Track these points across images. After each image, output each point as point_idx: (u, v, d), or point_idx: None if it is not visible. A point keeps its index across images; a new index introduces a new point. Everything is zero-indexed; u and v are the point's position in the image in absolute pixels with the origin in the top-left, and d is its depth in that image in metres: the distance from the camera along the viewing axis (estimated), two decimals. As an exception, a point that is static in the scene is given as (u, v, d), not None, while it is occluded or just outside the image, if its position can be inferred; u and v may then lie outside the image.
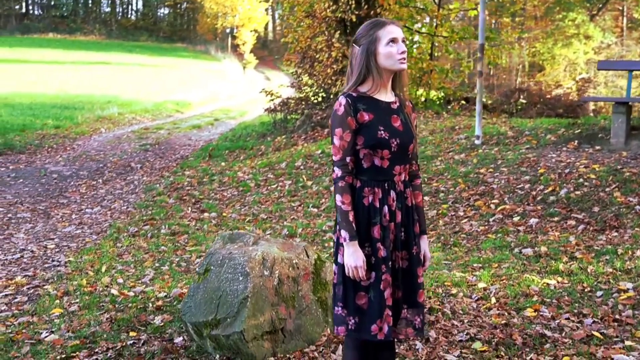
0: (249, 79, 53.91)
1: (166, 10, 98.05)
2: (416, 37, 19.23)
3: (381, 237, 3.57)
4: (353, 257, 3.49)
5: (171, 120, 24.93)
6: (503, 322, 5.47)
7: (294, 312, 5.20)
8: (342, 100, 3.52)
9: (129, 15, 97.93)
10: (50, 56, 56.74)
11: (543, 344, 5.07)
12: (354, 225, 3.51)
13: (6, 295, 6.83)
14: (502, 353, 4.95)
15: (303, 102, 16.68)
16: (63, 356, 5.18)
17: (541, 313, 5.62)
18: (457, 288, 6.29)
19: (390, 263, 3.59)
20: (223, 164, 13.36)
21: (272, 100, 17.21)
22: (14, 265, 7.87)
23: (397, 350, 5.06)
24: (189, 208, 10.19)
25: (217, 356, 5.06)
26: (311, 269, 5.44)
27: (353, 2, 15.96)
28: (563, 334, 5.22)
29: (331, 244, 8.07)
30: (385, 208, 3.57)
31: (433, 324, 5.51)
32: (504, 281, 6.41)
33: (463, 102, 18.21)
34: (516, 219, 8.26)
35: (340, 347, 5.16)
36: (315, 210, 9.52)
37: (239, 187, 11.06)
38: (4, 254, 8.27)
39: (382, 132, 3.51)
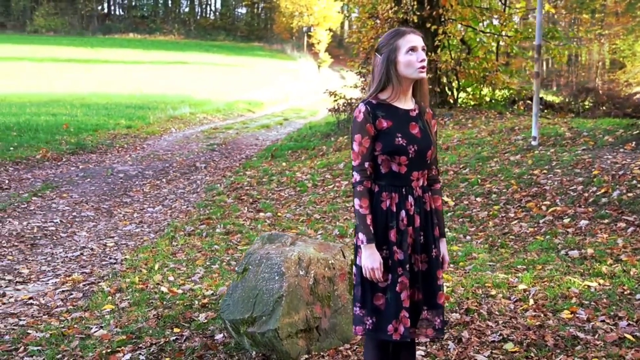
0: (324, 77, 54.19)
1: (244, 10, 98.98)
2: (480, 37, 19.18)
3: (398, 240, 3.69)
4: (370, 259, 3.62)
5: (241, 120, 25.29)
6: (537, 323, 5.53)
7: (330, 311, 5.35)
8: (362, 107, 3.67)
9: (208, 15, 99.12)
10: (130, 56, 58.00)
11: (575, 346, 5.12)
12: (371, 228, 3.65)
13: (63, 291, 7.14)
14: (532, 354, 5.02)
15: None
16: (109, 350, 5.42)
17: (577, 315, 5.65)
18: (497, 289, 6.36)
19: (408, 266, 3.71)
20: (284, 164, 13.58)
21: (336, 100, 17.37)
22: (73, 262, 8.20)
23: (429, 350, 5.20)
24: (246, 208, 10.42)
25: (254, 353, 5.25)
26: (347, 269, 5.58)
27: (415, 2, 16.04)
28: (596, 336, 5.25)
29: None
30: (403, 212, 3.70)
31: (467, 324, 5.60)
32: (545, 283, 6.44)
33: (529, 101, 18.10)
34: (566, 220, 8.26)
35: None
36: (368, 210, 9.65)
37: (296, 187, 11.26)
38: (65, 252, 8.60)
39: (400, 139, 3.64)
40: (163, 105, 26.43)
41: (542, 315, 5.72)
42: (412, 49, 3.67)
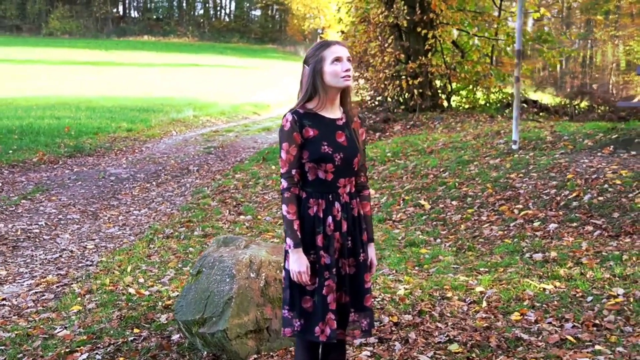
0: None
1: (258, 12, 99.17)
2: (475, 41, 19.26)
3: (324, 245, 3.86)
4: (297, 263, 3.79)
5: (244, 123, 25.38)
6: (485, 325, 5.67)
7: (280, 312, 5.51)
8: (289, 116, 3.84)
9: (222, 17, 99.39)
10: (143, 59, 58.26)
11: (517, 347, 5.25)
12: (298, 233, 3.82)
13: (36, 292, 7.33)
14: (475, 355, 5.16)
15: (359, 106, 16.94)
16: (67, 350, 5.61)
17: (526, 317, 5.78)
18: (454, 291, 6.49)
19: (335, 270, 3.88)
20: (274, 167, 13.71)
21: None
22: (51, 264, 8.40)
23: (375, 350, 5.35)
24: (228, 211, 10.58)
25: (205, 353, 5.42)
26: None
27: (406, 7, 16.17)
28: (539, 338, 5.39)
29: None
30: (330, 218, 3.86)
31: (417, 325, 5.74)
32: (503, 285, 6.57)
33: (523, 104, 18.18)
34: (536, 224, 8.38)
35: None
36: (346, 213, 9.80)
37: (280, 190, 11.41)
38: (45, 254, 8.80)
39: (326, 147, 3.80)
40: (168, 108, 26.58)
41: (492, 317, 5.86)
42: (337, 59, 3.83)
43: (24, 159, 15.54)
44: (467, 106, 18.53)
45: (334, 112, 3.95)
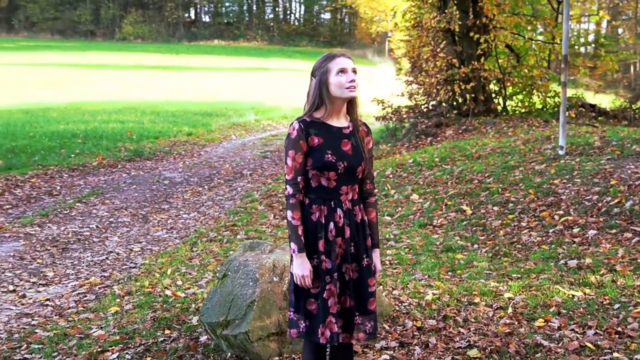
0: (400, 84, 54.21)
1: (328, 15, 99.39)
2: (532, 45, 19.09)
3: (326, 250, 3.99)
4: (300, 268, 3.94)
5: (304, 127, 25.53)
6: (507, 331, 5.72)
7: (303, 316, 5.65)
8: (296, 125, 3.99)
9: (291, 21, 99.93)
10: (212, 63, 58.96)
11: (536, 353, 5.30)
12: (302, 238, 3.96)
13: (79, 293, 7.60)
14: (492, 360, 5.25)
15: (412, 111, 16.98)
16: (99, 350, 5.83)
17: (550, 324, 5.81)
18: (483, 297, 6.54)
19: (336, 274, 4.01)
20: (324, 171, 13.85)
21: (384, 109, 17.56)
22: (97, 266, 8.67)
23: (395, 354, 5.45)
24: (273, 215, 10.75)
25: (229, 354, 5.59)
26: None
27: (457, 13, 16.18)
28: (560, 344, 5.42)
29: (387, 251, 8.45)
30: (332, 224, 4.00)
31: (439, 330, 5.82)
32: (532, 292, 6.59)
33: (581, 109, 17.97)
34: (576, 230, 8.35)
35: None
36: (389, 218, 9.90)
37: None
38: (92, 256, 9.09)
39: (330, 155, 3.94)
40: (231, 112, 26.93)
41: (515, 323, 5.90)
42: (342, 71, 3.97)
43: (84, 163, 15.97)
44: (523, 110, 18.38)
45: (341, 121, 4.08)
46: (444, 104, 16.80)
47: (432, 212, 9.82)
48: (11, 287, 7.85)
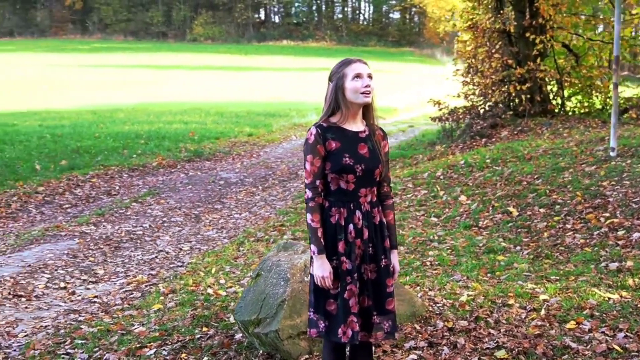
0: (458, 84, 53.66)
1: (397, 15, 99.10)
2: (591, 45, 18.80)
3: (346, 251, 4.12)
4: (320, 269, 4.07)
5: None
6: (537, 332, 5.75)
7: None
8: (313, 130, 4.12)
9: (360, 21, 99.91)
10: (280, 63, 59.37)
11: (563, 355, 5.33)
12: (322, 240, 4.10)
13: (125, 291, 7.86)
14: (518, 361, 5.30)
15: (468, 112, 16.93)
16: (138, 346, 6.04)
17: (581, 326, 5.82)
18: (518, 299, 6.56)
19: (356, 275, 4.13)
20: (377, 171, 13.92)
21: (441, 109, 17.53)
22: (146, 264, 8.93)
23: (422, 354, 5.54)
24: (320, 215, 10.84)
25: (261, 351, 5.75)
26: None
27: (513, 13, 16.10)
28: (588, 347, 5.44)
29: (429, 252, 8.52)
30: (351, 226, 4.12)
31: (470, 331, 5.88)
32: (568, 294, 6.60)
33: (641, 110, 17.64)
34: (620, 232, 8.29)
35: (373, 349, 5.68)
36: (435, 219, 9.94)
37: (376, 195, 11.60)
38: (142, 254, 9.36)
39: (348, 158, 4.06)
40: (294, 112, 27.12)
41: (547, 325, 5.92)
42: (358, 76, 4.09)
43: (144, 163, 16.32)
44: (582, 111, 18.15)
45: (357, 125, 4.19)
46: (500, 105, 16.71)
47: (478, 213, 9.83)
48: (62, 284, 8.15)
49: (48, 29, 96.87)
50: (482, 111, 16.82)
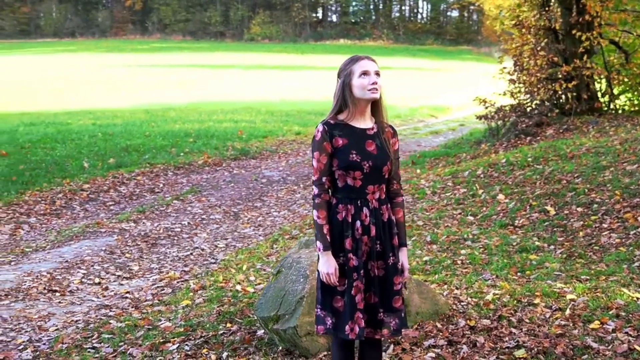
0: (505, 82, 53.08)
1: (455, 13, 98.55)
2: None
3: (353, 248, 4.14)
4: (326, 265, 4.10)
5: (415, 126, 25.50)
6: (559, 332, 5.70)
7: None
8: (320, 127, 4.15)
9: (418, 20, 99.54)
10: (336, 62, 59.12)
11: (583, 355, 5.29)
12: (327, 237, 4.12)
13: (157, 287, 7.97)
14: (536, 361, 5.27)
15: (514, 110, 16.75)
16: (162, 341, 6.13)
17: (605, 326, 5.77)
18: (544, 298, 6.51)
19: (362, 271, 4.15)
20: (418, 171, 13.88)
21: (487, 108, 17.37)
22: (181, 261, 9.04)
23: (441, 352, 5.53)
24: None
25: (280, 347, 5.79)
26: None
27: (558, 10, 15.91)
28: (609, 347, 5.39)
29: (461, 251, 8.48)
30: (358, 223, 4.14)
31: (491, 330, 5.85)
32: (597, 294, 6.53)
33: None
34: (658, 232, 8.19)
35: (392, 347, 5.70)
36: (472, 218, 9.87)
37: (415, 194, 11.58)
38: (178, 251, 9.47)
39: (355, 155, 4.08)
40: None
41: (570, 324, 5.87)
42: (365, 73, 4.12)
43: (190, 162, 16.47)
44: (631, 109, 17.84)
45: (365, 122, 4.21)
46: (546, 103, 16.52)
47: (515, 212, 9.75)
48: (97, 280, 8.30)
49: (109, 29, 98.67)
50: (528, 109, 16.63)
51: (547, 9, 16.17)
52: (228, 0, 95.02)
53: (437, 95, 35.62)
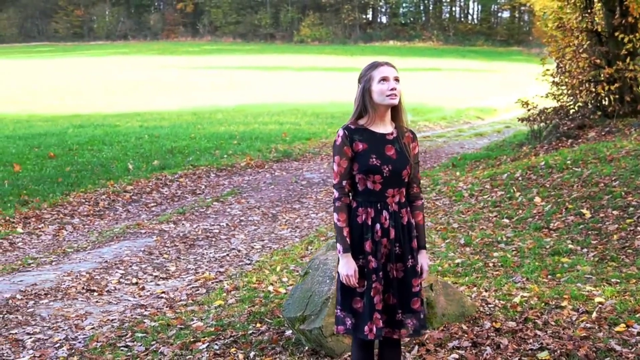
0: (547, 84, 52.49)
1: (507, 14, 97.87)
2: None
3: (372, 250, 4.24)
4: (346, 267, 4.21)
5: (459, 128, 25.45)
6: (584, 334, 5.73)
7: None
8: (341, 132, 4.27)
9: (468, 21, 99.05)
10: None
11: (605, 357, 5.32)
12: (347, 239, 4.24)
13: (192, 287, 8.12)
14: (558, 363, 5.31)
15: (557, 112, 16.66)
16: (192, 340, 6.27)
17: (631, 329, 5.79)
18: (572, 301, 6.53)
19: (381, 273, 4.25)
20: (457, 173, 13.88)
21: (530, 110, 17.30)
22: (217, 262, 9.19)
23: (464, 354, 5.60)
24: (393, 216, 10.86)
25: (307, 347, 5.90)
26: (401, 276, 6.09)
27: (601, 12, 15.79)
28: (632, 350, 5.42)
29: (494, 254, 8.51)
30: (378, 226, 4.24)
31: (516, 332, 5.90)
32: (626, 297, 6.54)
33: None
34: (693, 236, 8.15)
35: (417, 348, 5.78)
36: (507, 221, 9.89)
37: (452, 196, 11.61)
38: (215, 252, 9.62)
39: (374, 159, 4.19)
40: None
41: (596, 327, 5.90)
42: (384, 79, 4.21)
43: (233, 163, 16.64)
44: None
45: (385, 127, 4.30)
46: (589, 105, 16.41)
47: (551, 215, 9.74)
48: (134, 280, 8.48)
49: (160, 32, 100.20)
50: (571, 112, 16.54)
51: (589, 11, 16.05)
52: (278, 2, 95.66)
53: (485, 96, 35.44)
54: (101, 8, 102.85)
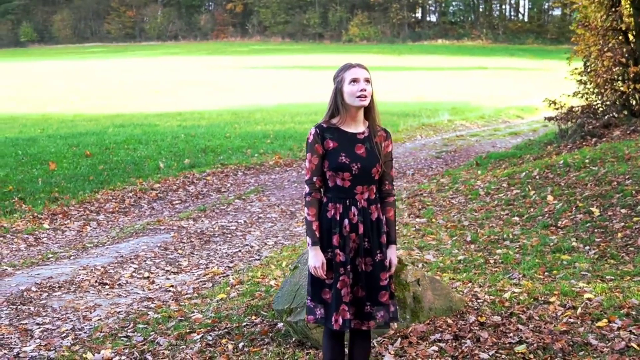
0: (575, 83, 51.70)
1: (558, 12, 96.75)
2: None
3: (340, 244, 4.47)
4: (314, 259, 4.44)
5: (495, 127, 25.28)
6: (564, 329, 5.86)
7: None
8: (313, 130, 4.50)
9: (519, 19, 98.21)
10: (432, 63, 59.13)
11: (580, 351, 5.46)
12: (316, 233, 4.47)
13: (200, 281, 8.37)
14: (534, 356, 5.45)
15: (583, 111, 16.58)
16: (188, 331, 6.53)
17: (612, 324, 5.90)
18: (560, 297, 6.64)
19: (350, 267, 4.47)
20: (478, 172, 13.91)
21: (557, 109, 17.25)
22: (228, 257, 9.43)
23: (443, 346, 5.76)
24: (409, 213, 11.05)
25: (294, 339, 6.12)
26: (388, 271, 6.27)
27: (626, 10, 15.68)
28: (608, 344, 5.54)
29: (497, 251, 8.62)
30: (346, 221, 4.46)
31: (498, 326, 6.04)
32: (615, 294, 6.63)
33: None
34: (697, 234, 8.19)
35: (399, 340, 5.96)
36: (517, 219, 9.97)
37: (468, 195, 11.70)
38: (228, 248, 9.87)
39: (344, 157, 4.40)
40: (428, 112, 27.02)
41: (578, 322, 6.02)
42: (354, 80, 4.43)
43: (262, 162, 16.86)
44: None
45: (357, 127, 4.52)
46: (616, 103, 16.32)
47: (560, 213, 9.80)
48: (146, 274, 8.76)
49: (210, 32, 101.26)
50: (599, 110, 16.46)
51: (615, 9, 15.93)
52: (327, 1, 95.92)
53: (529, 95, 35.11)
54: (153, 9, 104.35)
